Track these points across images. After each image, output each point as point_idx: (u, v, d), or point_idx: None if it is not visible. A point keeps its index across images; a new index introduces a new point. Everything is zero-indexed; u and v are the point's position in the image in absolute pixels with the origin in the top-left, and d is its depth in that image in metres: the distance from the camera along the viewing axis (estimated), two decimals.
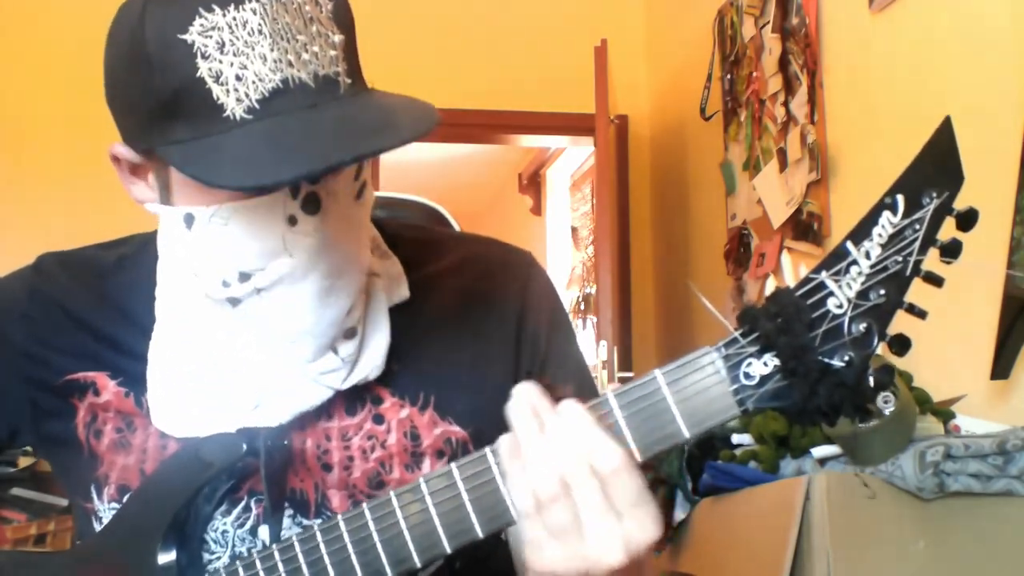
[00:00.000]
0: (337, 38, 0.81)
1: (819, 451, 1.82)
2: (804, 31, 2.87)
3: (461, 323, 0.97)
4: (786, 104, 2.98)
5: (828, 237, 2.74)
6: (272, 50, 0.77)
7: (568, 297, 5.78)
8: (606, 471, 0.71)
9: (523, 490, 0.73)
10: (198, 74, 0.77)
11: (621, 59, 3.85)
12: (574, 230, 5.88)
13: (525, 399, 0.74)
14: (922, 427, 1.78)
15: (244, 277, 0.84)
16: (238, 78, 0.77)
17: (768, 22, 3.10)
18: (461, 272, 1.00)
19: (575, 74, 3.77)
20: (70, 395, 0.96)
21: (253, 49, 0.77)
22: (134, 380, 0.94)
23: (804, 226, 2.86)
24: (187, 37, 0.77)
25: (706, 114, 3.56)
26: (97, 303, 0.97)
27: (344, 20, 0.83)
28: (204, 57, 0.77)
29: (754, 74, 3.22)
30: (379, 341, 0.92)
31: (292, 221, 0.83)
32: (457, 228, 1.27)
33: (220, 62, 0.77)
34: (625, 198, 4.09)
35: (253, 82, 0.77)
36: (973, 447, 1.63)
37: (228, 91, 0.77)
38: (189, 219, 0.84)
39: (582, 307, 5.51)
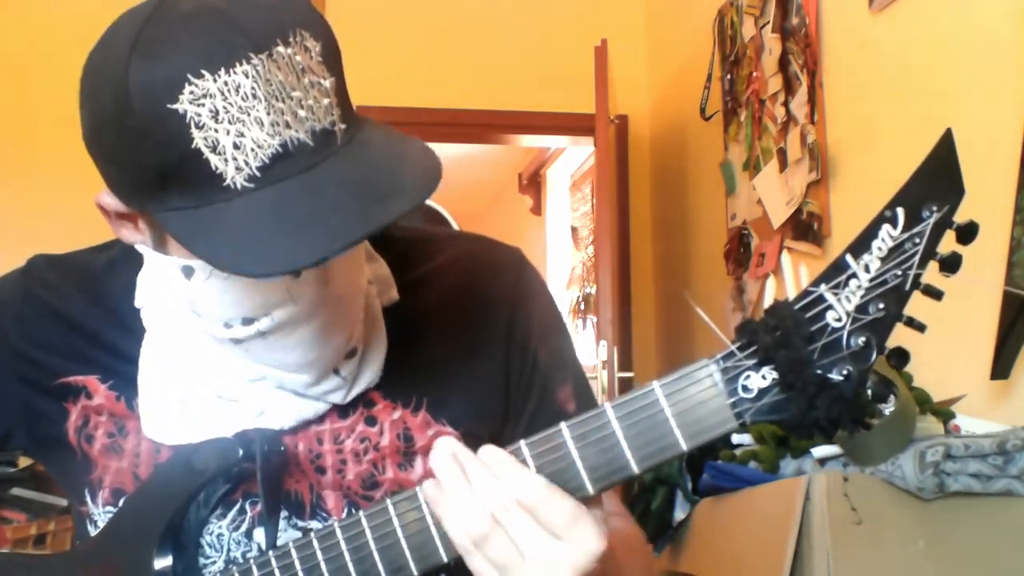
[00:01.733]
0: (328, 83, 0.77)
1: (819, 451, 1.82)
2: (804, 31, 2.87)
3: (452, 323, 0.97)
4: (786, 104, 2.98)
5: (828, 237, 2.74)
6: (268, 113, 0.74)
7: (568, 297, 5.78)
8: (531, 501, 0.72)
9: (457, 531, 0.74)
10: (193, 145, 0.73)
11: (621, 59, 3.85)
12: (574, 230, 5.88)
13: (445, 448, 0.75)
14: (922, 427, 1.78)
15: (247, 322, 0.83)
16: (236, 146, 0.73)
17: (768, 22, 3.10)
18: (451, 271, 0.99)
19: (575, 74, 3.77)
20: (63, 398, 0.96)
21: (248, 115, 0.73)
22: (125, 383, 0.94)
23: (804, 226, 2.85)
24: (178, 107, 0.72)
25: (706, 114, 3.55)
26: (89, 305, 0.97)
27: (333, 60, 0.80)
28: (198, 127, 0.73)
29: (754, 74, 3.22)
30: (378, 352, 0.92)
31: (296, 271, 0.81)
32: (457, 228, 1.27)
33: (216, 131, 0.73)
34: (625, 198, 4.09)
35: (252, 149, 0.74)
36: (973, 447, 1.63)
37: (226, 160, 0.73)
38: (188, 271, 0.83)
39: (582, 307, 5.51)
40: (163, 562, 0.88)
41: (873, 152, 2.55)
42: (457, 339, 0.96)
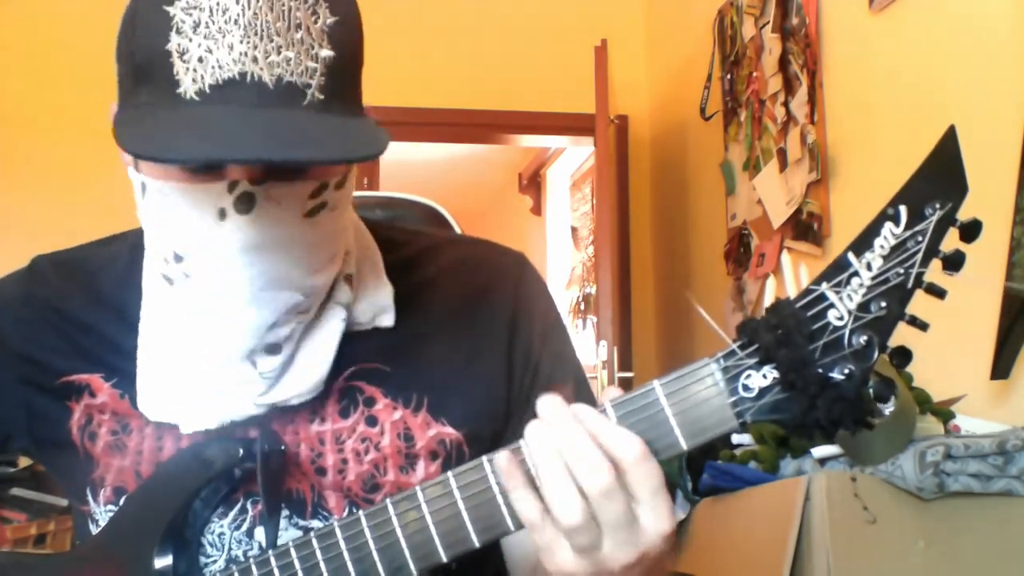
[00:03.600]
0: (324, 53, 0.79)
1: (819, 451, 1.82)
2: (804, 31, 2.87)
3: (454, 324, 0.97)
4: (786, 104, 2.98)
5: (828, 237, 2.74)
6: (241, 42, 0.77)
7: (568, 297, 5.78)
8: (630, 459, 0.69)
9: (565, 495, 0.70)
10: (167, 46, 0.77)
11: (621, 59, 3.85)
12: (574, 230, 5.88)
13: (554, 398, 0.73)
14: (922, 427, 1.78)
15: (177, 259, 0.85)
16: (200, 60, 0.77)
17: (768, 22, 3.10)
18: (454, 275, 0.99)
19: (575, 74, 3.77)
20: (66, 397, 0.96)
21: (224, 36, 0.77)
22: (128, 380, 0.93)
23: (804, 226, 2.85)
24: (171, 9, 0.78)
25: (706, 114, 3.55)
26: (91, 302, 0.97)
27: (340, 39, 0.81)
28: (178, 32, 0.77)
29: (754, 74, 3.22)
30: (313, 368, 0.89)
31: (222, 215, 0.82)
32: (457, 228, 1.28)
33: (190, 40, 0.77)
34: (625, 198, 4.09)
35: (212, 67, 0.77)
36: (973, 447, 1.63)
37: (188, 70, 0.77)
38: (143, 188, 0.85)
39: (582, 307, 5.51)
40: (164, 561, 0.88)
41: (873, 152, 2.55)
42: (459, 340, 0.96)
